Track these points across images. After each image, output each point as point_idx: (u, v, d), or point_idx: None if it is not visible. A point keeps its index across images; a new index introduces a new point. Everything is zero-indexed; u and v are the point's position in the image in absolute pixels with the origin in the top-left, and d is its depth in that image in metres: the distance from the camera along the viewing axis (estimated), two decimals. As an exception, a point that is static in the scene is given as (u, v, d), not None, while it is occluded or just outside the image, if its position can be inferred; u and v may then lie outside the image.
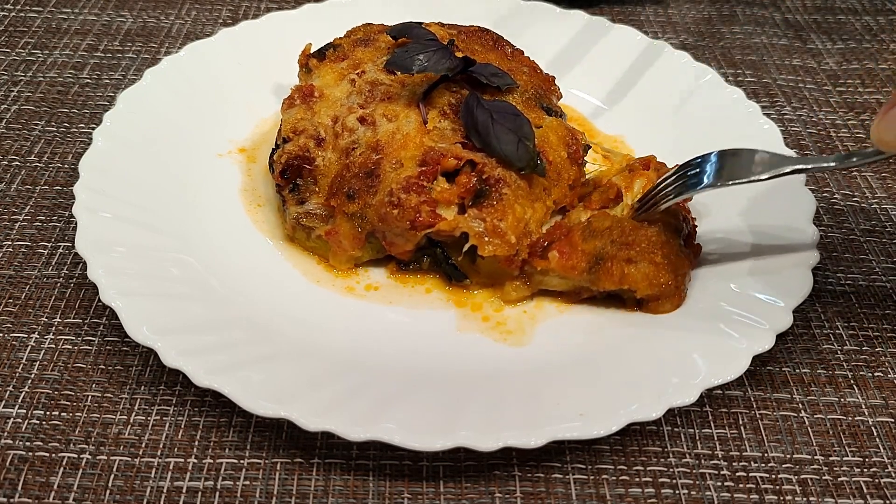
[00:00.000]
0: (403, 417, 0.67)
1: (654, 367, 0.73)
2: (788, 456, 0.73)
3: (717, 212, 0.90)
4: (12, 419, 0.73)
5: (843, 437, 0.75)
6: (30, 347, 0.79)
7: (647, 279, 0.79)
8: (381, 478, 0.70)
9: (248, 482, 0.70)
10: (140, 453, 0.71)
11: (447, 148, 0.82)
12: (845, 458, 0.73)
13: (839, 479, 0.72)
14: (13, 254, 0.88)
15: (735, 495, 0.70)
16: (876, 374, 0.81)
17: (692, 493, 0.70)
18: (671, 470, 0.72)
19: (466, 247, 0.81)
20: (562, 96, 0.98)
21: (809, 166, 0.76)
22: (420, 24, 0.96)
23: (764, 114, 1.00)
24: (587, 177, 0.90)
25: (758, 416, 0.76)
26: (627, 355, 0.76)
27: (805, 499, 0.70)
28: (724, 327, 0.76)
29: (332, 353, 0.76)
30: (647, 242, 0.80)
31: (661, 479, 0.71)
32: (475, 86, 0.89)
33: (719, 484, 0.71)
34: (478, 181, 0.80)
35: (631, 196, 0.85)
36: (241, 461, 0.71)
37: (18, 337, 0.80)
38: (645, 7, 1.37)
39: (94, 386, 0.76)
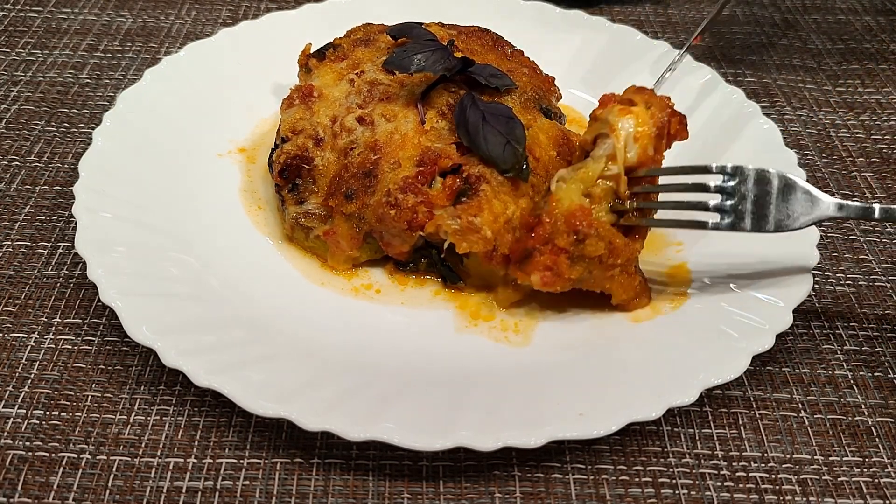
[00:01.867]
0: (403, 417, 0.67)
1: (654, 367, 0.73)
2: (788, 456, 0.73)
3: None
4: (12, 419, 0.73)
5: (843, 437, 0.75)
6: (30, 347, 0.79)
7: (623, 288, 0.79)
8: (380, 478, 0.70)
9: (247, 482, 0.70)
10: (140, 453, 0.71)
11: (443, 148, 0.82)
12: (845, 458, 0.73)
13: (839, 479, 0.72)
14: (13, 254, 0.88)
15: (735, 495, 0.70)
16: (876, 374, 0.81)
17: (692, 493, 0.70)
18: (671, 470, 0.72)
19: (445, 245, 0.81)
20: (561, 97, 0.98)
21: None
22: (420, 24, 0.96)
23: (764, 114, 1.00)
24: None
25: (758, 416, 0.76)
26: (627, 355, 0.76)
27: (805, 499, 0.70)
28: (724, 327, 0.76)
29: (332, 353, 0.76)
30: (630, 255, 0.78)
31: (660, 479, 0.71)
32: (474, 86, 0.89)
33: (719, 484, 0.71)
34: (462, 181, 0.80)
35: (619, 140, 0.76)
36: (241, 461, 0.71)
37: (18, 337, 0.80)
38: (645, 7, 1.37)
39: (93, 386, 0.76)
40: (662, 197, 0.80)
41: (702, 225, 0.77)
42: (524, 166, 0.82)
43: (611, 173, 0.77)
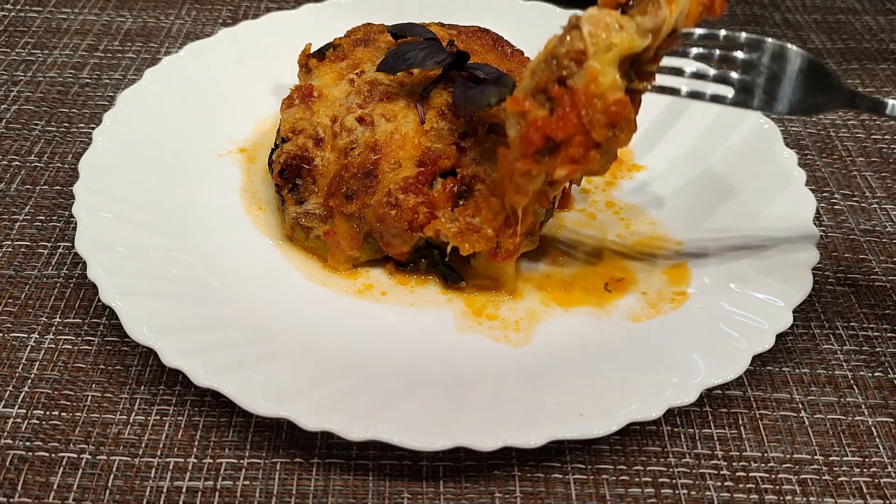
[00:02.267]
0: (403, 417, 0.67)
1: (654, 367, 0.73)
2: (788, 456, 0.73)
3: (717, 210, 0.90)
4: (12, 419, 0.73)
5: (843, 437, 0.75)
6: (30, 347, 0.79)
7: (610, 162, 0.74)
8: (380, 478, 0.70)
9: (247, 482, 0.70)
10: (140, 453, 0.71)
11: (443, 149, 0.82)
12: (845, 458, 0.73)
13: (839, 479, 0.72)
14: (13, 254, 0.89)
15: (735, 495, 0.70)
16: (876, 374, 0.81)
17: (692, 493, 0.70)
18: (671, 470, 0.72)
19: (448, 248, 0.81)
20: (562, 96, 0.98)
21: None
22: (420, 24, 0.96)
23: (764, 114, 1.00)
24: None
25: (758, 416, 0.76)
26: (627, 355, 0.76)
27: (805, 499, 0.70)
28: (724, 327, 0.76)
29: (331, 353, 0.76)
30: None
31: (660, 479, 0.71)
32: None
33: (719, 484, 0.71)
34: (459, 184, 0.80)
35: (672, 15, 0.67)
36: (241, 461, 0.71)
37: (18, 337, 0.80)
38: (645, 7, 1.37)
39: (94, 386, 0.76)
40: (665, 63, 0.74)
41: (700, 96, 0.73)
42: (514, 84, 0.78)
43: (648, 44, 0.68)
